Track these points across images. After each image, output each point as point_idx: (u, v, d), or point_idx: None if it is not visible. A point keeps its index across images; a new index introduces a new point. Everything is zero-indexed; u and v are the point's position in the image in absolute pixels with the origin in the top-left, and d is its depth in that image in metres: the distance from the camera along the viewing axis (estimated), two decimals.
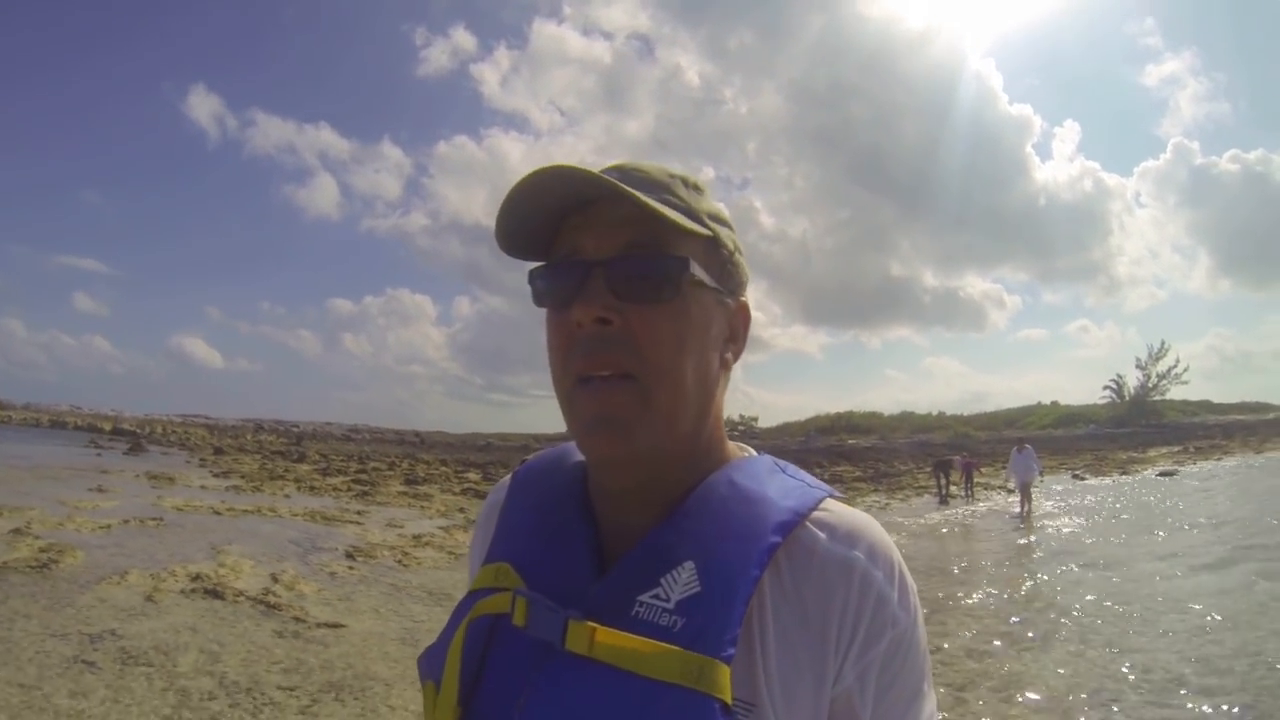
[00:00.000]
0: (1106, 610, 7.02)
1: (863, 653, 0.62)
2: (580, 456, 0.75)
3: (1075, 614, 6.95)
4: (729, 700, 0.56)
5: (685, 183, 0.71)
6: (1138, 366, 51.76)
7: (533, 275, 0.71)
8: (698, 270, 0.67)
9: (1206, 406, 54.97)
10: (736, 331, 0.75)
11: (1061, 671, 5.28)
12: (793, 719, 0.61)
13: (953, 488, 19.82)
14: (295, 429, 62.85)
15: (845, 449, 39.89)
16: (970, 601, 7.78)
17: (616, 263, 0.65)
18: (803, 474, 0.73)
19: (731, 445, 0.76)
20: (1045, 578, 8.87)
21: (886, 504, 19.17)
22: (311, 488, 18.33)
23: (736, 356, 0.74)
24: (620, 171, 0.69)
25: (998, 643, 6.16)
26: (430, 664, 0.70)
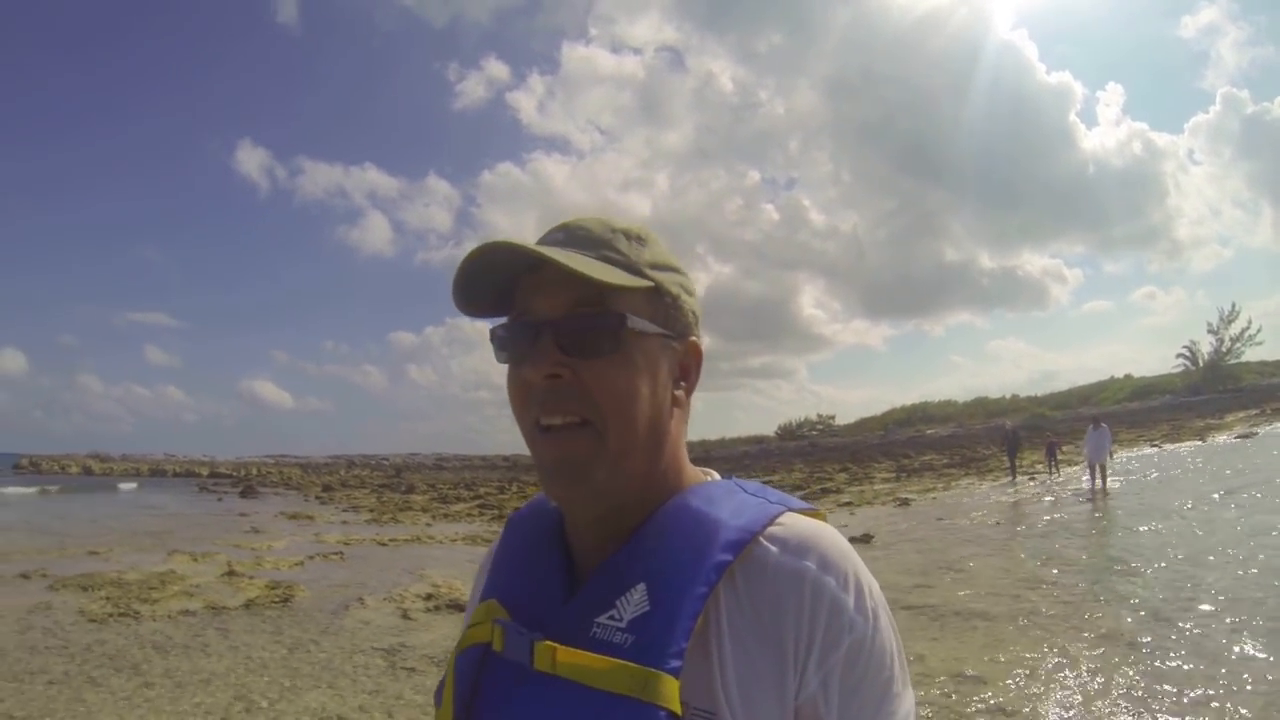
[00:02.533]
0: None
1: (822, 660, 0.65)
2: None
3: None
4: (677, 709, 0.61)
5: (628, 236, 0.75)
6: (1210, 331, 50.19)
7: (492, 334, 0.77)
8: (637, 321, 0.72)
9: None
10: (688, 369, 0.79)
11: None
12: None
13: (1038, 466, 20.36)
14: (386, 461, 65.31)
15: (927, 439, 40.12)
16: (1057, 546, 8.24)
17: (562, 323, 0.70)
18: (766, 491, 0.76)
19: (694, 471, 0.80)
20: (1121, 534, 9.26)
21: (979, 484, 19.82)
22: (445, 515, 19.61)
23: (689, 392, 0.79)
24: (565, 230, 0.75)
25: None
26: (438, 697, 0.77)
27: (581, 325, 0.70)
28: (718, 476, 0.81)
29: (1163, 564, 7.96)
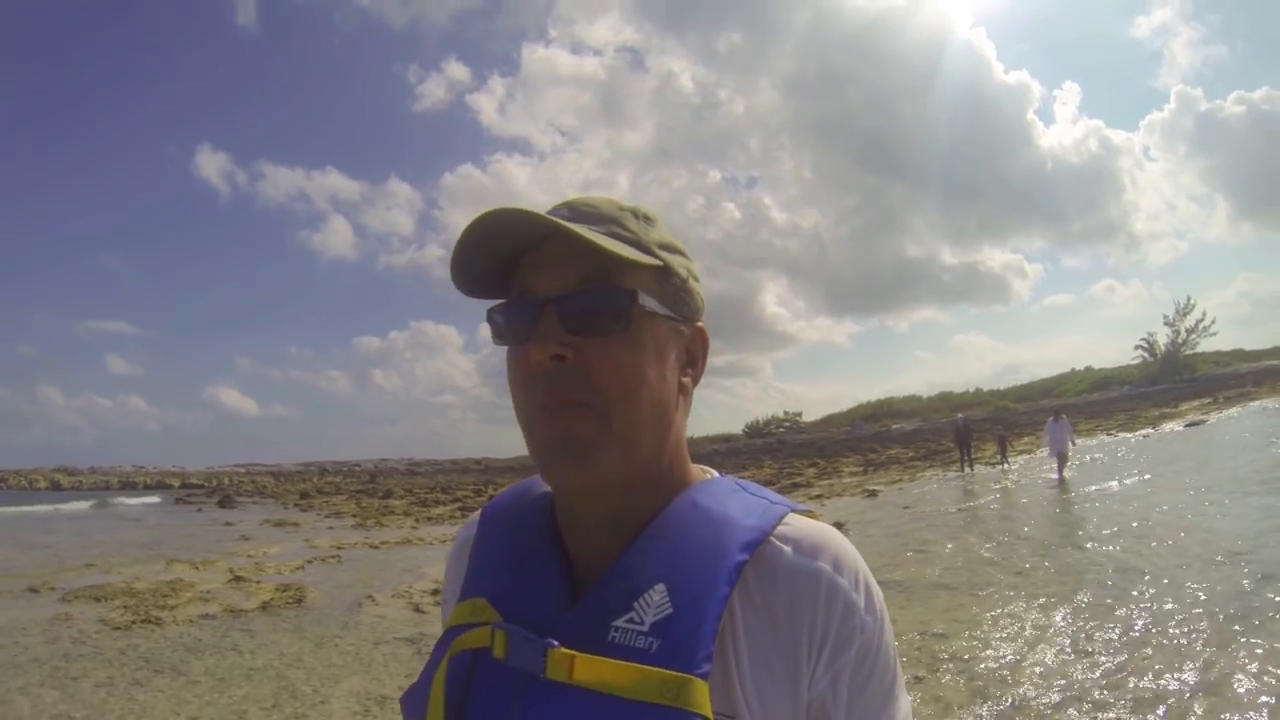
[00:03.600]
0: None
1: (833, 659, 0.65)
2: (546, 488, 0.77)
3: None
4: (710, 715, 0.59)
5: (635, 214, 0.73)
6: (1166, 324, 52.65)
7: (491, 314, 0.73)
8: (648, 300, 0.69)
9: (1240, 355, 55.30)
10: (694, 356, 0.76)
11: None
12: None
13: (996, 457, 21.52)
14: (358, 468, 65.05)
15: (893, 434, 41.28)
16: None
17: (568, 299, 0.67)
18: (764, 491, 0.75)
19: (694, 468, 0.78)
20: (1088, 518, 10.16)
21: (943, 475, 20.98)
22: (428, 518, 20.07)
23: (695, 381, 0.76)
24: (570, 208, 0.72)
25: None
26: (412, 703, 0.71)
27: (589, 302, 0.67)
28: (716, 474, 0.79)
29: (1106, 539, 8.82)
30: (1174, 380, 46.58)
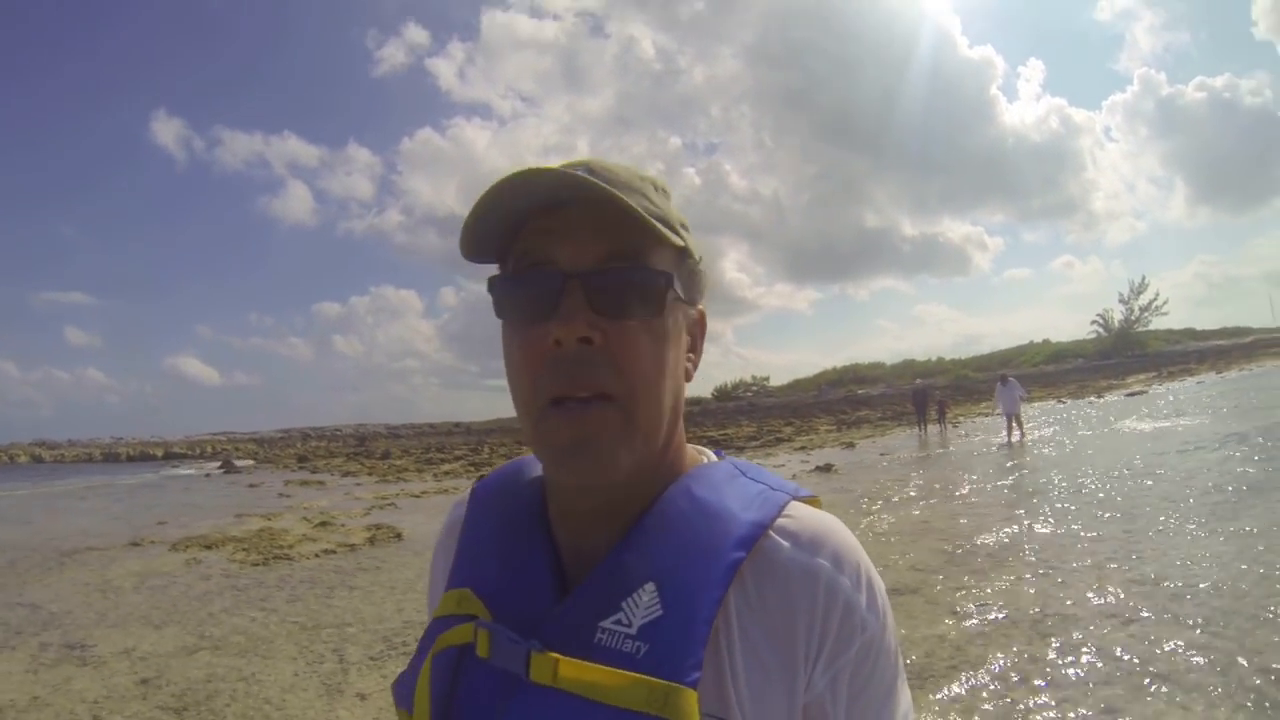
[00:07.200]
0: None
1: (832, 660, 0.62)
2: (537, 472, 0.75)
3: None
4: None
5: (655, 186, 0.67)
6: (1120, 301, 56.28)
7: (495, 284, 0.66)
8: (677, 284, 0.66)
9: (1190, 334, 59.51)
10: (696, 339, 0.73)
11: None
12: None
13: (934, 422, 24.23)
14: (339, 433, 65.97)
15: (860, 398, 43.83)
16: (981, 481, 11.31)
17: (597, 276, 0.61)
18: (766, 475, 0.71)
19: (691, 450, 0.75)
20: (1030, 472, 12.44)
21: (908, 433, 23.96)
22: (445, 473, 21.80)
23: (696, 365, 0.73)
24: (589, 169, 0.63)
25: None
26: (402, 692, 0.69)
27: (622, 281, 0.62)
28: (713, 455, 0.76)
29: (1038, 476, 11.35)
30: (1126, 355, 50.07)
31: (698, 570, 0.62)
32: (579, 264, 0.62)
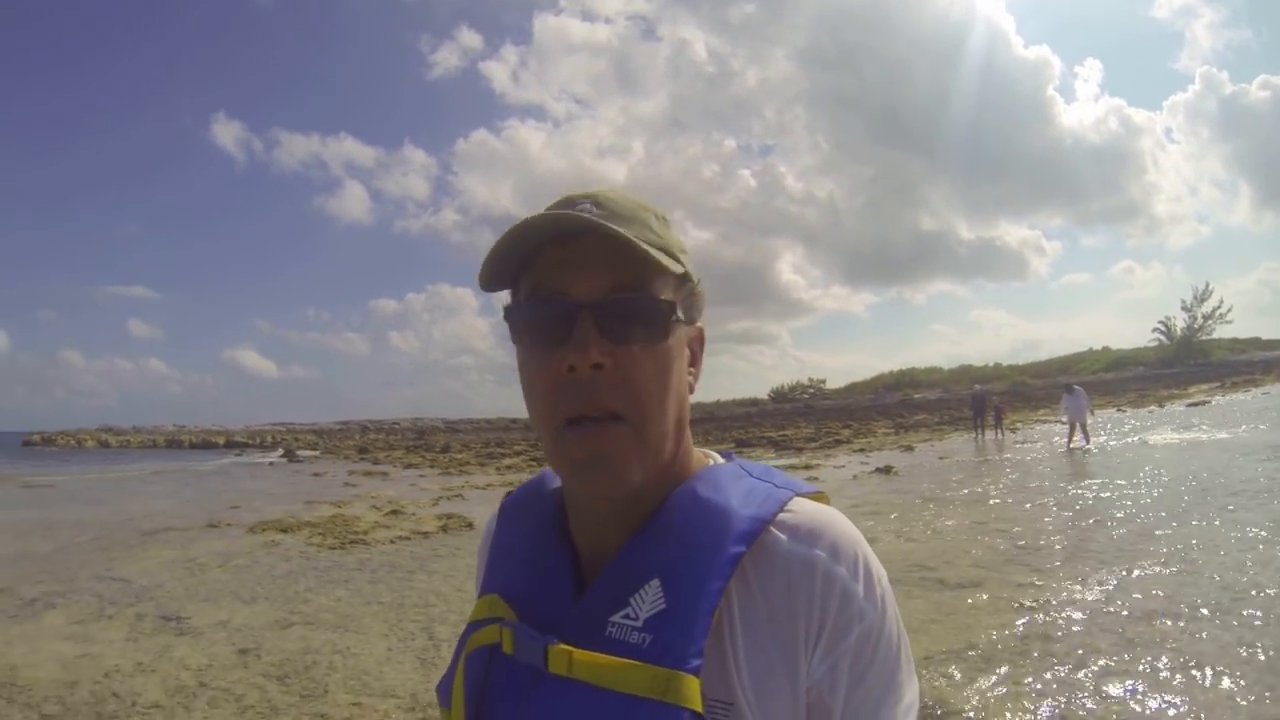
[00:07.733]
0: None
1: (830, 648, 0.65)
2: (557, 484, 0.80)
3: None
4: (699, 709, 0.60)
5: (657, 216, 0.72)
6: (1183, 309, 54.18)
7: (511, 312, 0.71)
8: (679, 311, 0.70)
9: (1255, 343, 56.78)
10: (696, 354, 0.78)
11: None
12: (770, 713, 0.64)
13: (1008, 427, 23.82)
14: (398, 425, 67.00)
15: (917, 402, 43.09)
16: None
17: (606, 305, 0.66)
18: (773, 474, 0.74)
19: (698, 454, 0.78)
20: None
21: (966, 437, 23.62)
22: (507, 467, 21.97)
23: (697, 378, 0.78)
24: (596, 202, 0.69)
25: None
26: (443, 692, 0.76)
27: (628, 310, 0.67)
28: (719, 458, 0.80)
29: (1094, 484, 10.91)
30: (1188, 364, 48.16)
31: (700, 565, 0.66)
32: (589, 294, 0.67)
